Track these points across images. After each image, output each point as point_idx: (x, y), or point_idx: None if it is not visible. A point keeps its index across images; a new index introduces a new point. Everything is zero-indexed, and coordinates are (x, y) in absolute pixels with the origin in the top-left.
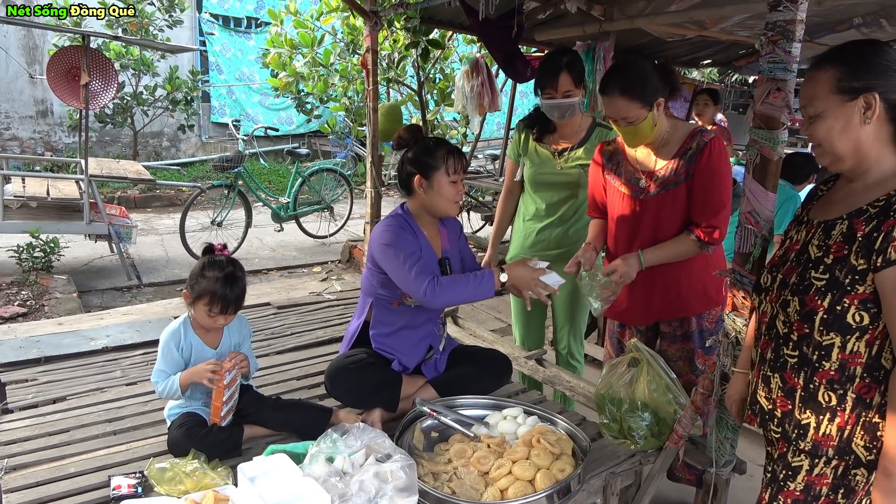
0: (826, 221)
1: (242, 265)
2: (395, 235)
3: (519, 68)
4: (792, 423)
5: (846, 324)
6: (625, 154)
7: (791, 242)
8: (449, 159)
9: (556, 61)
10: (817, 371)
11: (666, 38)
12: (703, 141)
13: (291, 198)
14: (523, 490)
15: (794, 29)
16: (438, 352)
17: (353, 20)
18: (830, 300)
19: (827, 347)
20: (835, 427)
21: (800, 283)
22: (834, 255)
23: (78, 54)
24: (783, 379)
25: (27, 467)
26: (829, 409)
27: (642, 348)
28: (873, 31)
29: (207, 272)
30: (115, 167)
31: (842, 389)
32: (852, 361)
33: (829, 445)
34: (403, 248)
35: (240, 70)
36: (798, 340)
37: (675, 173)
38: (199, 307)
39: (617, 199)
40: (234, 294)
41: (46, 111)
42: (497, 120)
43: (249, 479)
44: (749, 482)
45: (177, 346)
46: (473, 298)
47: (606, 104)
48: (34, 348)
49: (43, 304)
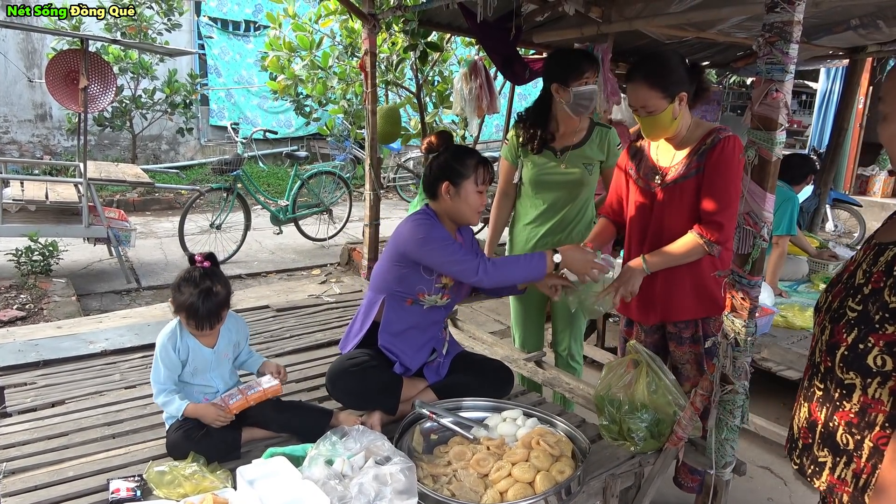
0: (881, 244)
1: (223, 274)
2: (430, 227)
3: (517, 70)
4: (809, 458)
5: (865, 365)
6: (647, 150)
7: (851, 261)
8: (479, 169)
9: (583, 51)
10: (838, 410)
11: (664, 39)
12: (719, 137)
13: (290, 201)
14: (523, 492)
15: (792, 30)
16: (441, 355)
17: (352, 23)
18: (855, 336)
19: (849, 387)
20: (850, 472)
21: (837, 310)
22: (872, 286)
23: (76, 58)
24: (809, 410)
25: (26, 471)
26: (846, 452)
27: (641, 349)
28: (870, 33)
29: (183, 287)
30: (113, 170)
31: (860, 435)
32: (874, 408)
33: (844, 491)
34: (444, 237)
35: (238, 73)
36: (825, 373)
37: (687, 167)
38: (182, 318)
39: (632, 195)
40: (207, 310)
41: (45, 115)
42: (496, 122)
43: (248, 482)
44: (749, 483)
45: (174, 348)
46: (526, 278)
47: (630, 92)
48: (33, 352)
49: (42, 308)
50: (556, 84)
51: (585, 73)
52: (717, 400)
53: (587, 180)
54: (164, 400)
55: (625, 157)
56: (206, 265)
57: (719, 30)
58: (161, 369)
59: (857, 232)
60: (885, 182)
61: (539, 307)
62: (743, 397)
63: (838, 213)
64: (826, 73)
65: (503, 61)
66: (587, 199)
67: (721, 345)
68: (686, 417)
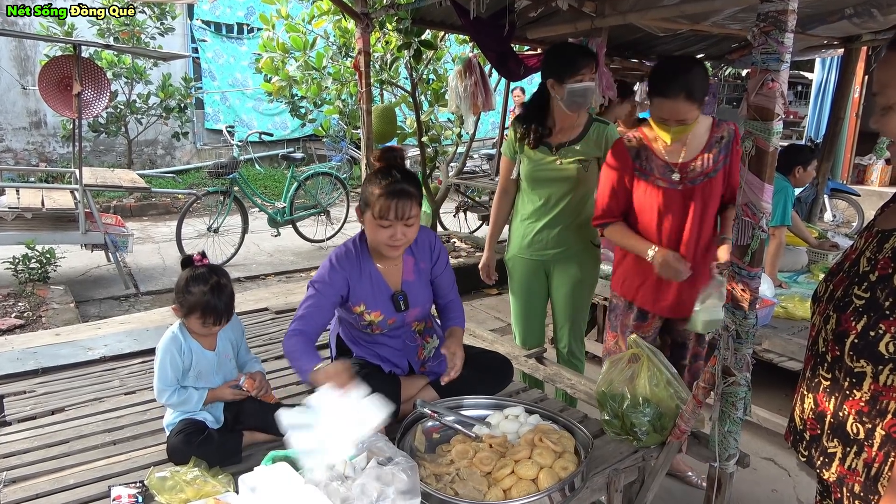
0: (884, 231)
1: (225, 270)
2: (326, 273)
3: (512, 67)
4: (818, 449)
5: (878, 352)
6: (652, 148)
7: (851, 250)
8: (381, 201)
9: (580, 47)
10: (847, 399)
11: (658, 32)
12: (732, 129)
13: (287, 202)
14: (527, 489)
15: (787, 19)
16: (430, 350)
17: (345, 23)
18: (865, 323)
19: (859, 375)
20: (861, 462)
21: (842, 299)
22: (879, 273)
23: (69, 64)
24: (815, 401)
25: (26, 479)
26: (857, 442)
27: (642, 344)
28: (865, 22)
29: (193, 287)
30: (109, 176)
31: (871, 424)
32: (886, 395)
33: (856, 481)
34: (316, 283)
35: (233, 76)
36: (832, 362)
37: (714, 161)
38: (193, 320)
39: (652, 195)
40: (222, 303)
41: (40, 122)
42: (492, 119)
43: (251, 488)
44: (752, 475)
45: (179, 352)
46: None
47: (666, 106)
48: (31, 360)
49: (40, 316)
50: (552, 80)
51: (581, 69)
52: (720, 392)
53: (583, 176)
54: (178, 399)
55: (623, 158)
56: (207, 262)
57: (713, 22)
58: (168, 372)
59: (856, 221)
60: (883, 171)
61: (539, 304)
62: (745, 389)
63: (836, 203)
64: (821, 64)
65: (497, 58)
66: (585, 195)
67: (722, 337)
68: (689, 410)
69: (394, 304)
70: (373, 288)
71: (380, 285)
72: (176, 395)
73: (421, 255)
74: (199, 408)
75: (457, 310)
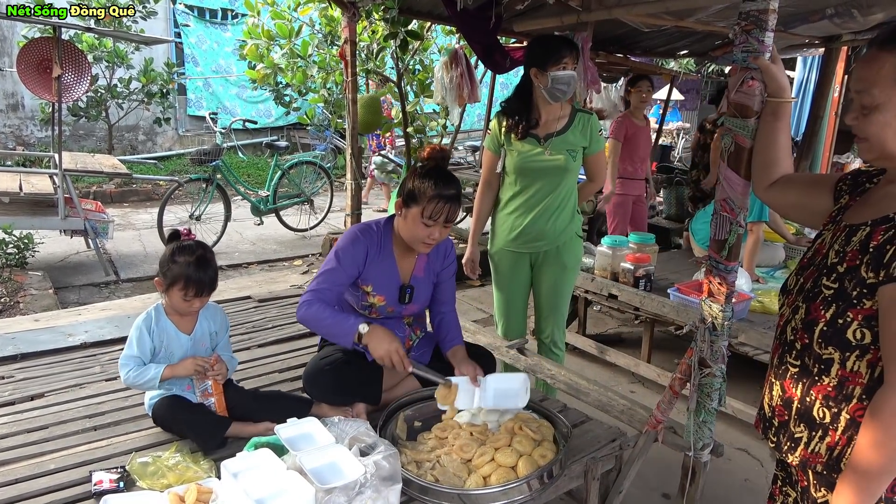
0: (851, 226)
1: (212, 250)
2: (350, 243)
3: (498, 60)
4: (786, 434)
5: (845, 339)
6: None
7: (819, 243)
8: (432, 204)
9: (562, 37)
10: (815, 385)
11: (643, 28)
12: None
13: (271, 191)
14: (506, 476)
15: (767, 18)
16: (415, 341)
17: (331, 11)
18: (833, 312)
19: (827, 362)
20: (824, 446)
21: (811, 290)
22: (847, 264)
23: (49, 46)
24: (783, 388)
25: (6, 464)
26: (822, 426)
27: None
28: (845, 22)
29: (178, 258)
30: (90, 161)
31: (836, 408)
32: (852, 380)
33: (818, 461)
34: (338, 258)
35: (216, 62)
36: (801, 350)
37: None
38: (174, 293)
39: None
40: (207, 276)
41: (17, 104)
42: (477, 111)
43: (233, 474)
44: (726, 465)
45: (148, 330)
46: (330, 337)
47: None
48: (10, 345)
49: (18, 301)
50: (535, 69)
51: (564, 58)
52: (696, 383)
53: (571, 167)
54: (134, 375)
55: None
56: (193, 237)
57: (697, 18)
58: (134, 348)
59: None
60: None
61: (523, 295)
62: (720, 380)
63: None
64: (802, 62)
65: (483, 50)
66: (570, 186)
67: (699, 329)
68: (665, 400)
69: (399, 294)
70: (385, 273)
71: (392, 273)
72: (133, 371)
73: (434, 257)
74: (156, 385)
75: (455, 328)
